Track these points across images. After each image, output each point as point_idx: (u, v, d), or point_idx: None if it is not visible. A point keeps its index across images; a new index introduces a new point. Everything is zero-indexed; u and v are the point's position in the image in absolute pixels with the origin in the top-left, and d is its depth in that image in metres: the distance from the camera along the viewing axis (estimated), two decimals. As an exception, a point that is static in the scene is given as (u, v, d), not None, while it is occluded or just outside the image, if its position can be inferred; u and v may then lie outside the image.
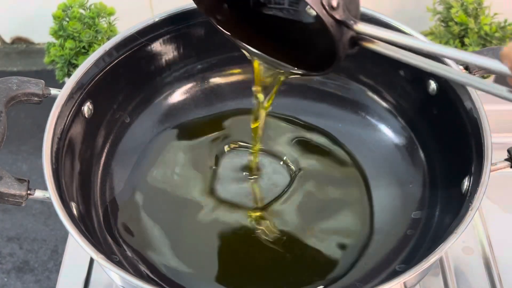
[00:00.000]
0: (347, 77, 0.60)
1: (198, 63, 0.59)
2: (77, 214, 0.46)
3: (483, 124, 0.46)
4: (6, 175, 0.43)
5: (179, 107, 0.60)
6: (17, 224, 0.64)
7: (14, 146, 0.70)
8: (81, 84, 0.50)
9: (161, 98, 0.59)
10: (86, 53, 0.65)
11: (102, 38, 0.66)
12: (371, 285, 0.49)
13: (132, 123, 0.57)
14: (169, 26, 0.55)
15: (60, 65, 0.66)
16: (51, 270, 0.61)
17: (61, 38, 0.66)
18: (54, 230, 0.63)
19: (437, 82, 0.51)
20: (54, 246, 0.62)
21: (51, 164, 0.45)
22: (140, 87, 0.57)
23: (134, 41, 0.53)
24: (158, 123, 0.59)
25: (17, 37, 0.83)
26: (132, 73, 0.55)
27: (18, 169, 0.68)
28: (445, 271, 0.55)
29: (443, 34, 0.66)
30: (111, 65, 0.52)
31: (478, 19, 0.64)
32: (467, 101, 0.48)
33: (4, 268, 0.62)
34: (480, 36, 0.64)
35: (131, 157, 0.56)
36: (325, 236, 0.52)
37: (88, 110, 0.51)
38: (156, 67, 0.57)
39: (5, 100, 0.47)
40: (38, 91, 0.48)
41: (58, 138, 0.47)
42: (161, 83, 0.59)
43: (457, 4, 0.65)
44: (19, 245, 0.63)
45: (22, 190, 0.43)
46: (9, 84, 0.47)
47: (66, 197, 0.45)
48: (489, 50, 0.50)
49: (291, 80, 0.53)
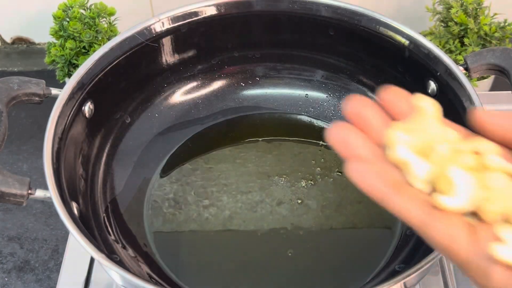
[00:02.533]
0: (347, 78, 0.60)
1: (198, 64, 0.60)
2: (77, 213, 0.46)
3: (482, 124, 0.46)
4: (7, 174, 0.43)
5: (180, 107, 0.60)
6: (18, 223, 0.64)
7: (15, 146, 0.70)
8: (81, 84, 0.50)
9: (162, 98, 0.59)
10: (86, 53, 0.66)
11: (103, 38, 0.66)
12: (370, 285, 0.49)
13: (132, 123, 0.57)
14: (169, 27, 0.55)
15: (60, 65, 0.66)
16: (52, 270, 0.61)
17: (61, 38, 0.66)
18: (54, 229, 0.63)
19: (437, 82, 0.51)
20: (55, 246, 0.62)
21: (52, 164, 0.45)
22: (141, 87, 0.57)
23: (134, 41, 0.53)
24: (159, 123, 0.59)
25: (18, 37, 0.83)
26: (133, 73, 0.55)
27: (19, 168, 0.68)
28: (445, 271, 0.55)
29: (443, 34, 0.66)
30: (111, 65, 0.52)
31: (477, 19, 0.64)
32: (467, 102, 0.48)
33: (5, 267, 0.62)
34: (479, 36, 0.64)
35: (132, 157, 0.56)
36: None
37: (89, 110, 0.51)
38: (156, 67, 0.57)
39: (6, 100, 0.47)
40: (39, 91, 0.48)
41: (59, 138, 0.47)
42: (161, 83, 0.59)
43: (457, 4, 0.65)
44: (20, 245, 0.63)
45: (23, 190, 0.43)
46: (10, 84, 0.47)
47: (66, 196, 0.45)
48: (488, 50, 0.50)
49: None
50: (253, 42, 0.59)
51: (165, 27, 0.55)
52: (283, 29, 0.58)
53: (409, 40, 0.52)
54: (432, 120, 0.33)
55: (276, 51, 0.60)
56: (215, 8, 0.56)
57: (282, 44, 0.60)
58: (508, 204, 0.30)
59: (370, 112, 0.33)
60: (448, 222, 0.29)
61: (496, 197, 0.30)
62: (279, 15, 0.57)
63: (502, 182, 0.31)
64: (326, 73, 0.60)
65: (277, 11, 0.56)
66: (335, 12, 0.55)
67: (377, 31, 0.54)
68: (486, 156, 0.31)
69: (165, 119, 0.59)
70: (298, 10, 0.56)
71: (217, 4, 0.56)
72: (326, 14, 0.55)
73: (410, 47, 0.52)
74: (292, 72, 0.61)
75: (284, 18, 0.57)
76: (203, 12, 0.56)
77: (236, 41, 0.59)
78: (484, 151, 0.32)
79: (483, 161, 0.31)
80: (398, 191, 0.30)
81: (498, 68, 0.50)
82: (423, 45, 0.52)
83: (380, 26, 0.53)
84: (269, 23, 0.58)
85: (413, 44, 0.52)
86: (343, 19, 0.55)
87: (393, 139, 0.32)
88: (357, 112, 0.33)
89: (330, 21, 0.55)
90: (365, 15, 0.54)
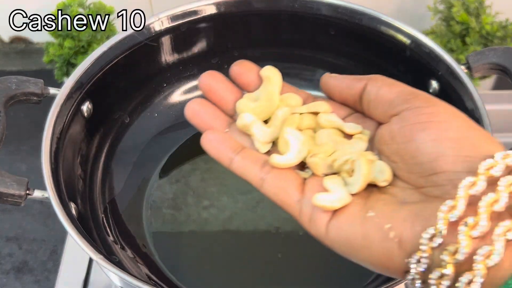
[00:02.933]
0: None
1: (198, 63, 0.59)
2: (76, 214, 0.45)
3: (484, 124, 0.46)
4: (5, 175, 0.43)
5: (179, 107, 0.60)
6: (16, 224, 0.64)
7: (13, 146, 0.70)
8: (80, 83, 0.50)
9: (161, 98, 0.59)
10: (85, 53, 0.65)
11: (102, 37, 0.65)
12: (371, 286, 0.48)
13: (131, 123, 0.57)
14: (168, 26, 0.55)
15: (59, 64, 0.66)
16: (50, 271, 0.61)
17: (60, 37, 0.66)
18: (53, 230, 0.63)
19: (439, 82, 0.51)
20: (53, 247, 0.62)
21: (50, 164, 0.44)
22: (140, 87, 0.57)
23: (133, 40, 0.53)
24: (158, 123, 0.58)
25: (16, 37, 0.82)
26: (132, 72, 0.55)
27: (17, 169, 0.68)
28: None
29: (444, 33, 0.66)
30: (110, 65, 0.52)
31: (479, 18, 0.64)
32: (469, 101, 0.48)
33: (3, 268, 0.61)
34: (481, 36, 0.64)
35: (131, 157, 0.56)
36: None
37: (88, 109, 0.51)
38: (156, 66, 0.57)
39: (4, 99, 0.46)
40: (37, 91, 0.48)
41: (57, 137, 0.47)
42: (161, 83, 0.58)
43: (458, 3, 0.65)
44: (18, 246, 0.63)
45: (21, 190, 0.42)
46: (8, 84, 0.47)
47: (65, 197, 0.44)
48: (490, 50, 0.50)
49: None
50: (253, 41, 0.59)
51: (165, 26, 0.55)
52: (283, 28, 0.58)
53: (410, 39, 0.52)
54: (275, 88, 0.37)
55: (276, 50, 0.60)
56: (214, 7, 0.55)
57: (282, 43, 0.59)
58: (329, 156, 0.34)
59: (221, 86, 0.37)
60: (281, 176, 0.33)
61: (318, 150, 0.34)
62: (279, 14, 0.56)
63: (326, 137, 0.35)
64: (327, 72, 0.60)
65: (277, 10, 0.56)
66: (335, 11, 0.54)
67: (378, 30, 0.53)
68: (319, 115, 0.36)
69: (165, 119, 0.59)
70: (299, 9, 0.55)
71: (216, 3, 0.55)
72: (327, 13, 0.55)
73: (412, 46, 0.52)
74: (292, 71, 0.61)
75: (284, 17, 0.57)
76: (202, 11, 0.55)
77: (236, 40, 0.59)
78: (317, 110, 0.36)
79: (317, 120, 0.36)
80: (240, 155, 0.34)
81: (500, 67, 0.50)
82: (425, 45, 0.51)
83: (381, 25, 0.53)
84: (269, 22, 0.57)
85: (414, 44, 0.52)
86: (343, 18, 0.54)
87: (240, 108, 0.36)
88: (209, 86, 0.37)
89: (331, 20, 0.55)
90: (366, 14, 0.53)
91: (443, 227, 0.28)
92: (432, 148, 0.30)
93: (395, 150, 0.32)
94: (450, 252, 0.27)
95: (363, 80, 0.35)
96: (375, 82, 0.34)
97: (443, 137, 0.30)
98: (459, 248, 0.27)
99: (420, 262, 0.28)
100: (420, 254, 0.28)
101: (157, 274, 0.49)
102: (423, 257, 0.28)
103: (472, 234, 0.27)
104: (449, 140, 0.30)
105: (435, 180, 0.30)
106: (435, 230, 0.28)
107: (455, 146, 0.30)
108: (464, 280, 0.27)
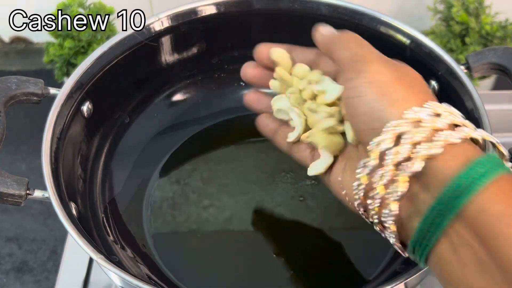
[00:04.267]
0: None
1: (198, 63, 0.59)
2: (76, 214, 0.45)
3: (484, 124, 0.46)
4: (5, 175, 0.43)
5: (179, 107, 0.60)
6: (16, 224, 0.64)
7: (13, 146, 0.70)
8: (80, 83, 0.50)
9: (161, 98, 0.59)
10: (85, 53, 0.65)
11: (102, 37, 0.65)
12: (371, 285, 0.48)
13: (131, 123, 0.57)
14: (168, 26, 0.55)
15: (59, 64, 0.66)
16: (50, 271, 0.61)
17: (60, 37, 0.66)
18: (53, 230, 0.63)
19: (438, 82, 0.51)
20: (54, 247, 0.62)
21: (50, 164, 0.44)
22: (140, 87, 0.57)
23: (133, 40, 0.53)
24: (158, 123, 0.58)
25: (16, 37, 0.82)
26: (132, 72, 0.55)
27: (17, 169, 0.68)
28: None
29: (444, 33, 0.66)
30: (110, 65, 0.52)
31: (479, 18, 0.64)
32: (469, 101, 0.48)
33: (3, 268, 0.61)
34: (481, 36, 0.64)
35: (131, 157, 0.56)
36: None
37: (88, 109, 0.51)
38: (155, 66, 0.57)
39: (4, 99, 0.46)
40: (37, 91, 0.48)
41: (58, 137, 0.47)
42: (161, 83, 0.58)
43: (458, 3, 0.65)
44: (18, 246, 0.63)
45: (21, 190, 0.42)
46: (8, 84, 0.47)
47: (65, 197, 0.44)
48: (490, 50, 0.50)
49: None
50: (253, 41, 0.59)
51: (165, 26, 0.55)
52: (283, 28, 0.58)
53: (410, 40, 0.52)
54: (283, 71, 0.46)
55: (276, 50, 0.60)
56: (214, 7, 0.56)
57: (282, 43, 0.59)
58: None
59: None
60: (298, 148, 0.44)
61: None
62: (279, 14, 0.56)
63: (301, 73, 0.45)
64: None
65: (277, 9, 0.56)
66: (335, 11, 0.54)
67: (378, 30, 0.53)
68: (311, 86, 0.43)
69: (165, 119, 0.59)
70: (298, 9, 0.56)
71: (216, 3, 0.55)
72: (327, 13, 0.55)
73: (411, 46, 0.52)
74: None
75: (284, 17, 0.57)
76: (202, 11, 0.55)
77: (236, 40, 0.59)
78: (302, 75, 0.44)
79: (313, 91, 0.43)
80: (278, 133, 0.46)
81: (500, 67, 0.50)
82: (424, 45, 0.51)
83: (381, 25, 0.53)
84: (269, 22, 0.57)
85: (414, 44, 0.52)
86: (343, 18, 0.54)
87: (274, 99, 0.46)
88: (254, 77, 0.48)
89: (331, 20, 0.55)
90: (366, 14, 0.54)
91: (373, 156, 0.34)
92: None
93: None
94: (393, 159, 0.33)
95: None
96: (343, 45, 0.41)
97: (357, 113, 0.37)
98: (399, 150, 0.33)
99: (359, 187, 0.36)
100: (357, 181, 0.36)
101: (157, 274, 0.49)
102: (361, 183, 0.36)
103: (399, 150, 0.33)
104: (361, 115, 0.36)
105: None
106: (369, 158, 0.34)
107: (366, 120, 0.36)
108: (409, 165, 0.32)
